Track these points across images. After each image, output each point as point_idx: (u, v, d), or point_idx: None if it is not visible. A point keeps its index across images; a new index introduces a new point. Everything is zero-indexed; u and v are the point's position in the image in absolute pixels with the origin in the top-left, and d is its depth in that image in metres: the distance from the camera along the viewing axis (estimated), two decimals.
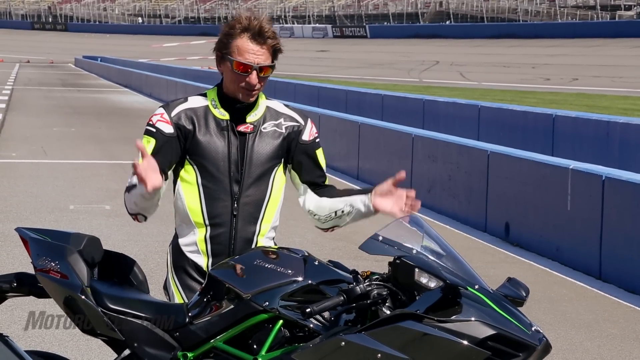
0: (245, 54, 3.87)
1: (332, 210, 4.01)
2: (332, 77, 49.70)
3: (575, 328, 7.74)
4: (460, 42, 79.86)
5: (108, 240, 9.71)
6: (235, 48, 3.88)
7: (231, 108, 3.96)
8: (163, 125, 3.94)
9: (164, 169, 3.91)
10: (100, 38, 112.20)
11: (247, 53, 3.87)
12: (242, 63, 3.86)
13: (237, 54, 3.87)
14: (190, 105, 3.99)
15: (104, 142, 20.73)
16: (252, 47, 3.87)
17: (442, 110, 21.06)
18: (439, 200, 12.94)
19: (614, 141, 15.06)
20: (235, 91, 3.93)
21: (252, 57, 3.86)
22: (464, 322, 3.20)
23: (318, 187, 4.09)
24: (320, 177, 4.10)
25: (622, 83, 44.73)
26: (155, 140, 3.92)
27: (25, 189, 13.66)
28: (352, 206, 3.96)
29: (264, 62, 3.88)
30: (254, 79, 3.88)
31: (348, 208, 3.97)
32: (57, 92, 39.92)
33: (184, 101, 4.02)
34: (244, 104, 3.97)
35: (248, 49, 3.87)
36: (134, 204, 3.86)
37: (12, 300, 4.15)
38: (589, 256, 9.60)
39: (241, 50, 3.87)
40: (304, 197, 4.10)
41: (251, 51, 3.87)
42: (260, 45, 3.87)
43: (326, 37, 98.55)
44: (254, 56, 3.87)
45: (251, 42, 3.87)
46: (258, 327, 3.50)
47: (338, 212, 3.99)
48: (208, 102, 3.99)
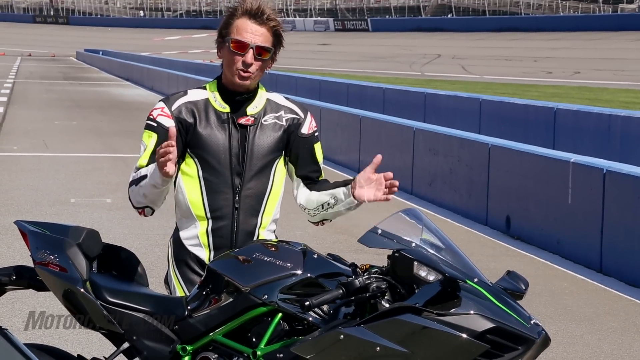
0: (243, 33, 3.87)
1: (319, 203, 4.01)
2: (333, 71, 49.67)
3: (576, 321, 7.74)
4: (462, 36, 79.80)
5: (109, 233, 9.71)
6: (234, 28, 3.89)
7: (231, 100, 3.96)
8: (164, 120, 3.93)
9: None
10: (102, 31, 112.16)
11: (245, 32, 3.87)
12: (238, 40, 3.86)
13: (236, 33, 3.88)
14: (190, 99, 3.98)
15: (105, 135, 20.73)
16: (250, 26, 3.87)
17: (443, 104, 21.05)
18: (440, 194, 12.94)
19: (615, 134, 15.05)
20: (232, 75, 3.91)
21: (249, 36, 3.87)
22: (463, 315, 3.20)
23: (311, 182, 4.09)
24: (315, 172, 4.09)
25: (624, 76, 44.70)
26: (157, 134, 3.91)
27: (26, 182, 13.66)
28: (335, 198, 3.96)
29: (261, 43, 3.88)
30: (250, 57, 3.86)
31: (332, 200, 3.97)
32: (59, 85, 39.92)
33: (183, 94, 4.01)
34: (243, 96, 3.96)
35: (247, 27, 3.87)
36: (142, 197, 3.84)
37: (12, 293, 4.15)
38: (590, 249, 9.59)
39: (240, 29, 3.88)
40: (297, 191, 4.10)
41: (249, 30, 3.87)
42: (259, 24, 3.88)
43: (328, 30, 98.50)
44: (251, 35, 3.87)
45: (250, 21, 3.88)
46: (257, 321, 3.51)
47: (324, 204, 4.00)
48: (208, 94, 3.99)
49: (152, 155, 3.87)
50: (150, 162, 3.87)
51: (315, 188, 4.05)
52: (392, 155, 14.63)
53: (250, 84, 3.93)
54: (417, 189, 13.66)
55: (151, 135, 3.92)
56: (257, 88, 4.02)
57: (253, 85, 3.97)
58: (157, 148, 3.76)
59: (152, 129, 3.93)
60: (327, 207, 3.99)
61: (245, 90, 3.96)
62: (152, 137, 3.92)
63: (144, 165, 3.88)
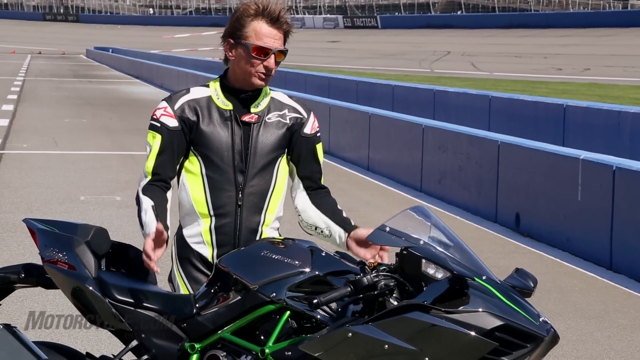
0: (264, 38, 3.85)
1: (314, 224, 4.05)
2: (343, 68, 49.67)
3: (586, 319, 7.72)
4: (471, 32, 79.70)
5: (118, 231, 9.73)
6: (252, 32, 3.86)
7: (235, 98, 3.95)
8: (167, 119, 3.92)
9: (173, 165, 3.93)
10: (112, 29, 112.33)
11: (266, 37, 3.86)
12: (262, 47, 3.85)
13: (255, 38, 3.85)
14: (193, 97, 3.97)
15: (114, 133, 20.76)
16: (270, 31, 3.86)
17: (452, 101, 21.03)
18: (449, 191, 12.93)
19: (625, 131, 15.01)
20: (249, 76, 3.89)
21: (270, 41, 3.86)
22: (471, 313, 3.20)
23: (313, 188, 4.09)
24: (316, 173, 4.10)
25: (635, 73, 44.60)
26: (161, 135, 3.91)
27: (36, 180, 13.69)
28: (330, 232, 4.01)
29: (280, 47, 3.89)
30: (272, 62, 3.88)
31: (327, 232, 4.02)
32: (69, 83, 39.99)
33: (186, 92, 4.01)
34: (248, 94, 3.96)
35: (267, 32, 3.86)
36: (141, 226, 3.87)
37: (22, 291, 4.16)
38: (600, 246, 9.58)
39: (259, 34, 3.85)
40: (295, 192, 4.11)
41: (269, 35, 3.86)
42: (278, 29, 3.88)
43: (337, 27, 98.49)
44: (272, 40, 3.86)
45: (269, 26, 3.87)
46: (265, 318, 3.51)
47: (318, 229, 4.05)
48: (211, 92, 3.98)
49: (158, 157, 3.89)
50: (156, 164, 3.88)
51: (316, 203, 4.06)
52: (402, 152, 14.63)
53: (266, 84, 3.95)
54: (426, 186, 13.65)
55: (155, 136, 3.92)
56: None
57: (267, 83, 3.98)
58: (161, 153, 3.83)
59: (156, 129, 3.93)
60: (319, 234, 4.06)
61: (249, 87, 3.96)
62: (157, 138, 3.92)
63: (151, 171, 3.89)
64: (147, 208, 3.80)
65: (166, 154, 3.89)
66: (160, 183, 3.91)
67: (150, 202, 3.81)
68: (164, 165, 3.91)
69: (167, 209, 3.87)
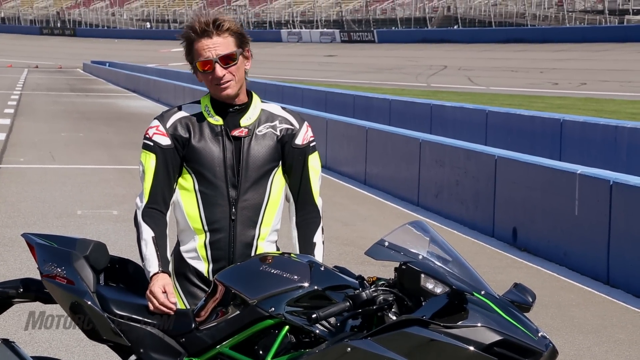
0: (202, 52, 3.89)
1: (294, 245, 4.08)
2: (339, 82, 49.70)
3: (583, 333, 7.72)
4: (468, 47, 79.81)
5: (115, 245, 9.72)
6: (195, 53, 3.92)
7: (224, 113, 3.97)
8: (160, 138, 3.95)
9: (170, 184, 3.94)
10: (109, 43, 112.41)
11: (203, 50, 3.89)
12: (201, 61, 3.89)
13: (197, 55, 3.91)
14: (184, 114, 4.01)
15: (111, 147, 20.76)
16: (205, 43, 3.89)
17: (449, 115, 21.05)
18: (446, 205, 12.93)
19: (621, 146, 15.03)
20: (213, 90, 3.95)
21: (208, 52, 3.88)
22: (470, 328, 3.20)
23: (300, 203, 4.06)
24: (305, 185, 4.05)
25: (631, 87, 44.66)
26: (155, 155, 3.94)
27: (33, 194, 13.68)
28: None
29: (222, 52, 3.88)
30: (219, 70, 3.89)
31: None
32: (66, 97, 40.00)
33: (177, 110, 4.04)
34: (236, 108, 3.97)
35: (202, 46, 3.89)
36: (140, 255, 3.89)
37: (19, 306, 4.15)
38: (597, 261, 9.58)
39: (198, 51, 3.90)
40: (289, 210, 4.11)
41: (205, 47, 3.89)
42: (211, 36, 3.89)
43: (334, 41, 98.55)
44: (209, 50, 3.88)
45: (203, 39, 3.89)
46: (264, 333, 3.51)
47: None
48: (202, 108, 4.01)
49: (155, 178, 3.92)
50: (153, 185, 3.91)
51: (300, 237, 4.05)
52: (399, 166, 14.64)
53: (233, 91, 3.94)
54: (423, 201, 13.66)
55: (149, 156, 3.95)
56: (251, 99, 4.02)
57: (235, 90, 3.94)
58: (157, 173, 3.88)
59: (150, 149, 3.95)
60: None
61: (236, 100, 3.97)
62: (151, 158, 3.94)
63: (148, 193, 3.91)
64: (147, 239, 3.84)
65: (162, 174, 3.92)
66: (159, 206, 3.92)
67: (151, 232, 3.84)
68: (161, 187, 3.93)
69: (166, 236, 3.90)
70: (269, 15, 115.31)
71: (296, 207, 4.08)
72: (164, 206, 3.93)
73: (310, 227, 4.06)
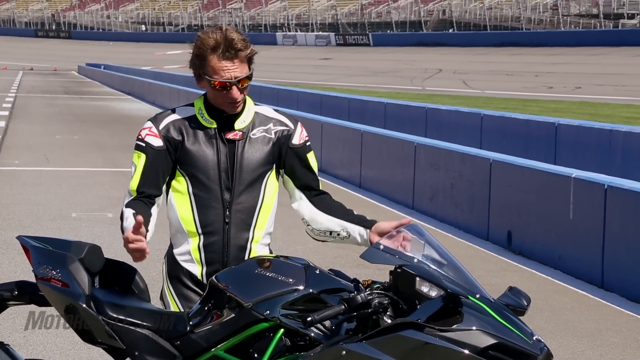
0: (220, 72, 3.87)
1: (328, 229, 4.01)
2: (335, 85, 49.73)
3: (578, 337, 7.73)
4: (463, 50, 79.89)
5: (110, 248, 9.70)
6: (210, 68, 3.88)
7: (219, 116, 3.98)
8: (152, 139, 3.96)
9: (158, 183, 3.95)
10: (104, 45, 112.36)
11: (222, 71, 3.86)
12: (220, 82, 3.87)
13: (214, 73, 3.87)
14: (178, 116, 4.01)
15: (106, 149, 20.75)
16: (225, 64, 3.86)
17: (444, 119, 21.07)
18: (441, 209, 12.93)
19: (616, 150, 15.05)
20: (220, 105, 3.95)
21: (227, 73, 3.87)
22: (465, 331, 3.20)
23: (313, 194, 4.08)
24: (313, 181, 4.09)
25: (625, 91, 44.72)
26: (145, 155, 3.94)
27: (27, 196, 13.67)
28: (348, 233, 3.96)
29: (240, 75, 3.88)
30: (235, 93, 3.89)
31: (344, 233, 3.97)
32: (60, 99, 39.97)
33: (171, 112, 4.04)
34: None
35: (222, 67, 3.86)
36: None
37: (13, 308, 4.15)
38: (592, 265, 9.59)
39: (216, 69, 3.87)
40: (297, 203, 4.09)
41: (225, 68, 3.87)
42: (232, 60, 3.87)
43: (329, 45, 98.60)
44: (229, 72, 3.87)
45: (223, 60, 3.86)
46: (259, 336, 3.50)
47: (334, 233, 4.01)
48: (195, 111, 4.01)
49: (143, 177, 3.92)
50: (140, 183, 3.92)
51: (323, 208, 4.03)
52: (394, 169, 14.64)
53: (241, 108, 3.96)
54: (418, 204, 13.66)
55: (140, 156, 3.96)
56: (245, 102, 4.03)
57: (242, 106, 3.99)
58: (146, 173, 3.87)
59: (141, 149, 3.96)
60: (336, 237, 4.00)
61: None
62: (141, 158, 3.95)
63: (135, 189, 3.92)
64: (128, 216, 3.82)
65: (150, 173, 3.92)
66: (145, 199, 3.92)
67: (132, 210, 3.83)
68: (148, 184, 3.94)
69: (149, 219, 3.86)
70: (265, 18, 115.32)
71: (312, 200, 4.04)
72: (150, 200, 3.93)
73: (338, 203, 4.06)
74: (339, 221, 3.99)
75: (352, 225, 3.95)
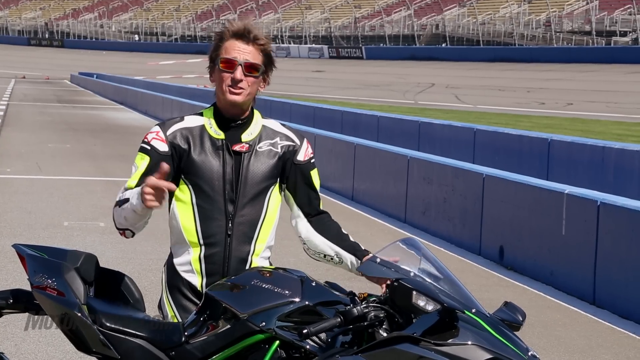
0: (231, 52, 3.90)
1: (322, 252, 4.03)
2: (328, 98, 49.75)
3: (569, 353, 7.73)
4: (456, 65, 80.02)
5: (102, 257, 9.66)
6: (223, 50, 3.92)
7: (227, 127, 3.97)
8: (158, 144, 3.94)
9: None
10: (97, 55, 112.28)
11: (233, 50, 3.90)
12: (227, 59, 3.89)
13: (224, 53, 3.91)
14: (186, 125, 3.99)
15: (98, 159, 20.72)
16: (238, 44, 3.90)
17: (437, 133, 21.09)
18: (433, 223, 12.94)
19: (609, 167, 15.08)
20: (222, 93, 3.92)
21: (237, 53, 3.89)
22: (460, 346, 3.20)
23: (312, 215, 4.08)
24: (315, 199, 4.10)
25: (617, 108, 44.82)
26: (149, 157, 3.91)
27: (19, 204, 13.63)
28: (340, 260, 4.00)
29: (249, 59, 3.90)
30: (239, 74, 3.88)
31: (336, 259, 4.01)
32: (53, 108, 39.90)
33: (180, 120, 4.03)
34: (238, 122, 3.97)
35: (235, 46, 3.90)
36: (123, 219, 3.81)
37: (7, 317, 4.14)
38: (583, 281, 9.59)
39: (228, 49, 3.91)
40: (296, 221, 4.10)
41: (237, 48, 3.90)
42: (246, 43, 3.91)
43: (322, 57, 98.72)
44: (239, 52, 3.90)
45: (237, 40, 3.91)
46: (254, 348, 3.50)
47: (327, 256, 4.03)
48: (204, 121, 4.00)
49: (142, 177, 3.86)
50: (139, 184, 3.84)
51: (320, 230, 4.04)
52: (386, 183, 14.65)
53: (241, 100, 3.92)
54: (410, 218, 13.67)
55: (144, 158, 3.92)
56: (253, 114, 4.02)
57: (246, 104, 3.96)
58: (147, 174, 3.77)
59: (146, 152, 3.94)
60: (329, 260, 4.04)
61: (239, 113, 3.96)
62: (145, 160, 3.92)
63: (132, 187, 3.86)
64: (126, 195, 3.76)
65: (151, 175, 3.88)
66: None
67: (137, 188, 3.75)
68: None
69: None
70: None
71: (310, 220, 4.06)
72: None
73: (336, 226, 4.07)
74: (333, 246, 4.01)
75: (345, 253, 3.98)
